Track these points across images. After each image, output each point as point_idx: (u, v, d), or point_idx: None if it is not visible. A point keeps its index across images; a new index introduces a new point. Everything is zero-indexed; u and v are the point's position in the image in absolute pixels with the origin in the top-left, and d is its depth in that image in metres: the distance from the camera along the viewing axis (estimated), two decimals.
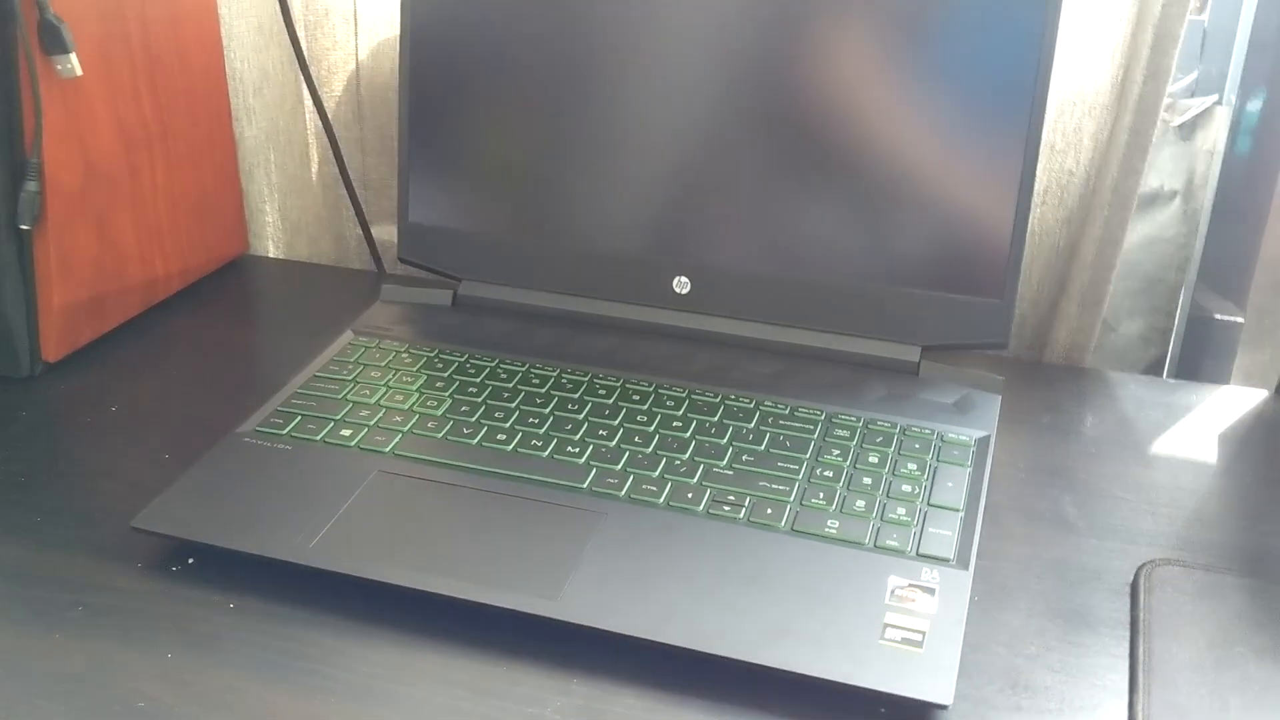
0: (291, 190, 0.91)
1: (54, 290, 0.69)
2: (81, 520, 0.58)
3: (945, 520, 0.56)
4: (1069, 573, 0.56)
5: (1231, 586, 0.54)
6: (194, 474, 0.58)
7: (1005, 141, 0.65)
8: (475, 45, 0.72)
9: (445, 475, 0.58)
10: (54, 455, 0.63)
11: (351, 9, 0.88)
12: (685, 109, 0.69)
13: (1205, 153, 0.80)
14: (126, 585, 0.53)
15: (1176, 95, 0.80)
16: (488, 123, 0.73)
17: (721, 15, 0.67)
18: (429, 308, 0.75)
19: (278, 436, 0.61)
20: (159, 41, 0.75)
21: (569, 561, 0.52)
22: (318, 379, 0.66)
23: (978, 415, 0.64)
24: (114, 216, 0.73)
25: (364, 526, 0.54)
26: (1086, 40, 0.75)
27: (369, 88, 0.91)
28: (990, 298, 0.67)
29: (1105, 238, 0.75)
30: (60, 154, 0.68)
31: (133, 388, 0.70)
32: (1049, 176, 0.79)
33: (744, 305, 0.71)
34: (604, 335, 0.71)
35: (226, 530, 0.54)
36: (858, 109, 0.66)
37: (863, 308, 0.69)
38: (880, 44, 0.65)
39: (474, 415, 0.63)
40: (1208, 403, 0.71)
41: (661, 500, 0.57)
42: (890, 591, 0.51)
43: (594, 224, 0.72)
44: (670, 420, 0.63)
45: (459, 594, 0.50)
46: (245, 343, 0.78)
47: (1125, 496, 0.61)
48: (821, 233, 0.69)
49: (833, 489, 0.58)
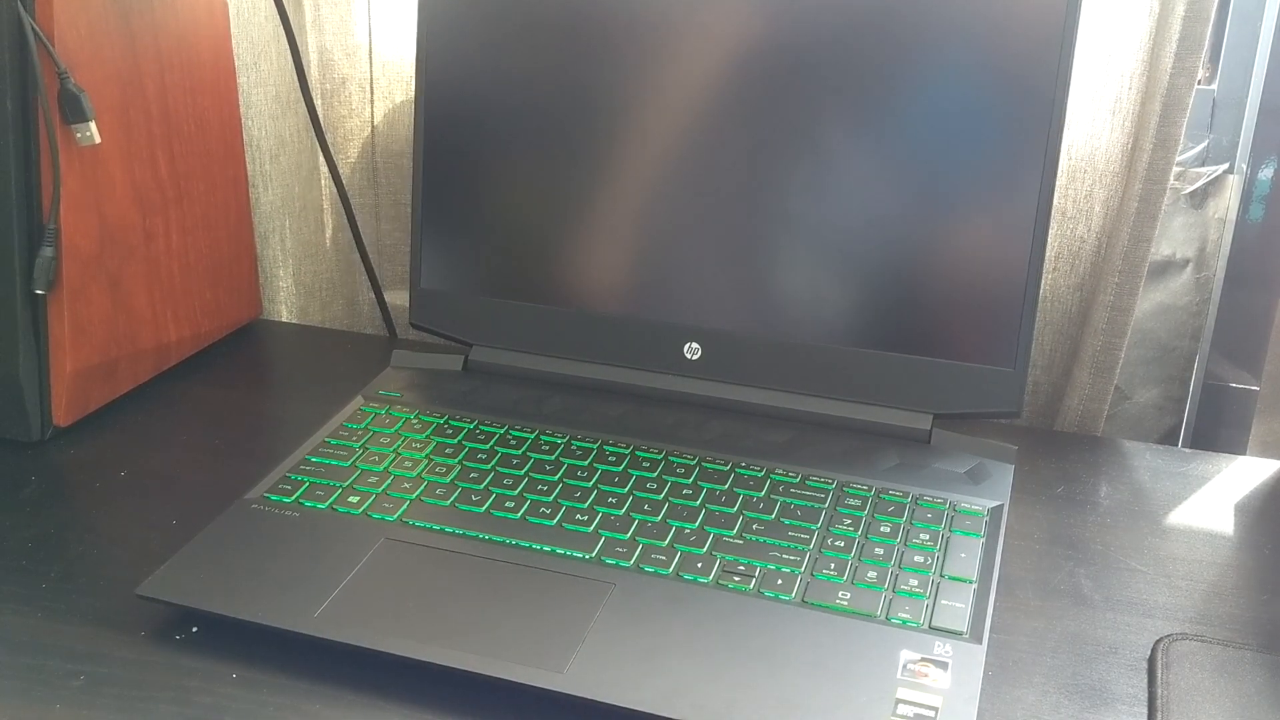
0: (306, 255, 0.92)
1: (66, 355, 0.69)
2: (87, 587, 0.57)
3: (958, 592, 0.55)
4: (1084, 647, 0.55)
5: (1250, 662, 0.53)
6: (200, 541, 0.57)
7: (1016, 209, 0.65)
8: (489, 114, 0.72)
9: (452, 544, 0.58)
10: (62, 521, 0.63)
11: (368, 77, 0.90)
12: (696, 177, 0.69)
13: (1217, 221, 0.80)
14: (129, 654, 0.53)
15: (1187, 164, 0.80)
16: (500, 190, 0.73)
17: (730, 85, 0.68)
18: (440, 373, 0.75)
19: (285, 504, 0.61)
20: (178, 109, 0.76)
21: (576, 633, 0.52)
22: (327, 445, 0.66)
23: (991, 485, 0.64)
24: (128, 281, 0.74)
25: (369, 596, 0.54)
26: (1097, 108, 0.76)
27: (384, 154, 0.92)
28: (1003, 366, 0.66)
29: (1117, 304, 0.75)
30: (77, 220, 0.69)
31: (143, 453, 0.70)
32: (1060, 243, 0.79)
33: (755, 372, 0.70)
34: (614, 402, 0.71)
35: (230, 599, 0.53)
36: (870, 178, 0.67)
37: (874, 375, 0.68)
38: (892, 112, 0.66)
39: (482, 483, 0.63)
40: (1224, 473, 0.70)
41: (670, 570, 0.56)
42: (902, 666, 0.50)
43: (605, 291, 0.72)
44: (680, 488, 0.63)
45: (464, 665, 0.50)
46: (256, 408, 0.78)
47: (1141, 569, 0.61)
48: (833, 300, 0.68)
49: (844, 560, 0.57)
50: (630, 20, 0.69)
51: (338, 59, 0.89)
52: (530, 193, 0.73)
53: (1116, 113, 0.75)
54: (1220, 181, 0.80)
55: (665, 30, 0.68)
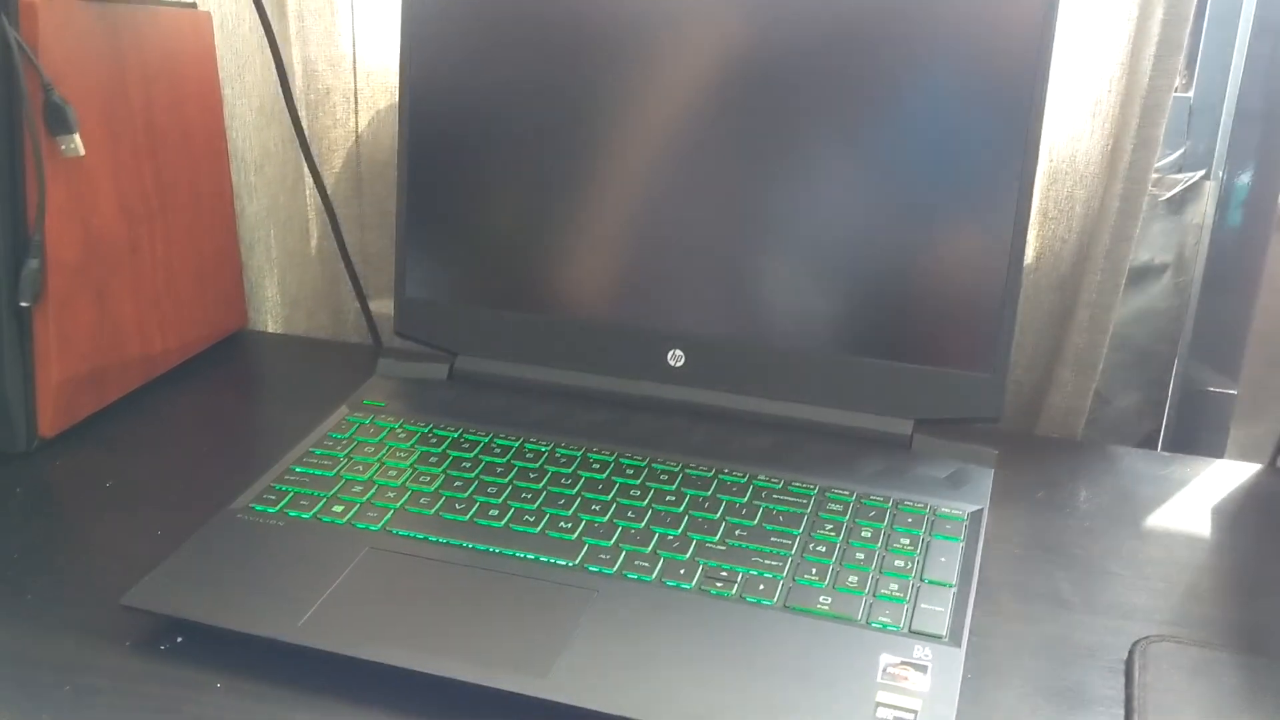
0: (291, 265, 0.92)
1: (52, 366, 0.70)
2: (73, 597, 0.57)
3: (938, 596, 0.55)
4: (1063, 650, 0.55)
5: (1226, 664, 0.54)
6: (185, 551, 0.58)
7: (995, 216, 0.65)
8: (473, 123, 0.73)
9: (436, 552, 0.58)
10: (48, 532, 0.63)
11: (352, 87, 0.90)
12: (679, 185, 0.70)
13: (1194, 226, 0.81)
14: (115, 664, 0.53)
15: (1164, 170, 0.81)
16: (484, 199, 0.74)
17: (711, 93, 0.69)
18: (425, 382, 0.75)
19: (270, 514, 0.61)
20: (162, 121, 0.77)
21: (560, 640, 0.52)
22: (312, 455, 0.66)
23: (971, 489, 0.64)
24: (114, 292, 0.74)
25: (354, 604, 0.54)
26: (1077, 111, 0.77)
27: (369, 164, 0.92)
28: (982, 371, 0.67)
29: (1099, 302, 0.76)
30: (62, 231, 0.69)
31: (128, 463, 0.70)
32: (1042, 244, 0.80)
33: (738, 379, 0.71)
34: (599, 409, 0.72)
35: (215, 608, 0.54)
36: (850, 184, 0.67)
37: (856, 381, 0.69)
38: (872, 117, 0.66)
39: (467, 491, 0.63)
40: (1202, 476, 0.71)
41: (654, 577, 0.56)
42: (882, 670, 0.51)
43: (589, 299, 0.73)
44: (664, 495, 0.63)
45: (448, 673, 0.50)
46: (242, 417, 0.78)
47: (1119, 572, 0.61)
48: (815, 306, 0.69)
49: (825, 565, 0.58)
50: (612, 29, 0.70)
51: (322, 70, 0.89)
52: (514, 201, 0.73)
53: (1096, 115, 0.76)
54: (1197, 187, 0.81)
55: (648, 39, 0.69)
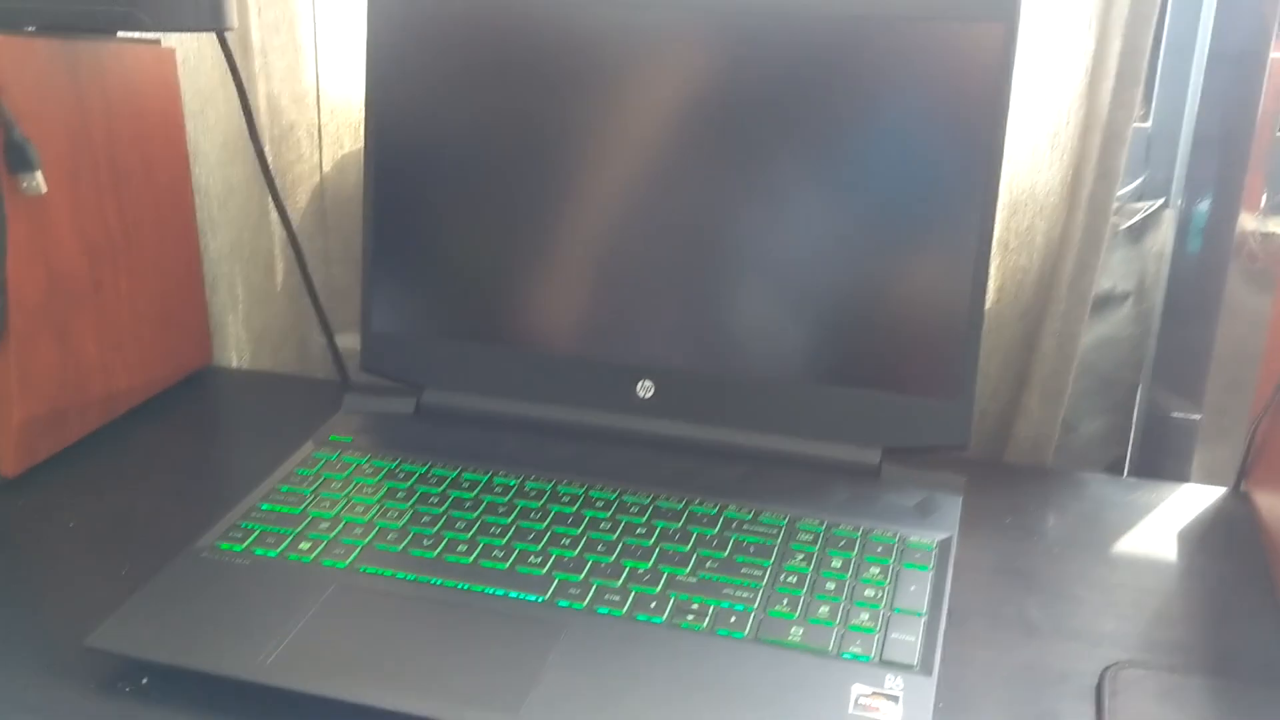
0: (256, 301, 0.92)
1: (14, 406, 0.69)
2: (36, 639, 0.56)
3: (908, 625, 0.55)
4: (1034, 676, 0.55)
5: (1195, 688, 0.54)
6: (149, 591, 0.57)
7: (957, 245, 0.66)
8: (438, 157, 0.73)
9: (404, 589, 0.58)
10: (10, 572, 0.62)
11: (316, 123, 0.90)
12: (645, 218, 0.70)
13: (1155, 254, 0.82)
14: (79, 706, 0.52)
15: (1124, 199, 0.82)
16: (450, 233, 0.74)
17: (677, 126, 0.69)
18: (392, 416, 0.75)
19: (236, 552, 0.60)
20: (125, 157, 0.76)
21: (530, 675, 0.52)
22: (278, 492, 0.66)
23: (939, 517, 0.64)
24: (77, 330, 0.74)
25: (321, 643, 0.54)
26: (1036, 143, 0.78)
27: (333, 199, 0.92)
28: (948, 399, 0.67)
29: (1064, 331, 0.77)
30: (24, 270, 0.68)
31: (92, 502, 0.69)
32: (1004, 274, 0.81)
33: (707, 409, 0.71)
34: (568, 442, 0.71)
35: (181, 649, 0.53)
36: (814, 216, 0.68)
37: (824, 411, 0.69)
38: (835, 151, 0.67)
39: (434, 527, 0.63)
40: (1168, 501, 0.71)
41: (624, 610, 0.56)
42: (854, 701, 0.50)
43: (557, 331, 0.73)
44: (634, 528, 0.63)
45: (418, 710, 0.50)
46: (207, 455, 0.77)
47: (1088, 597, 0.62)
48: (782, 336, 0.69)
49: (796, 596, 0.57)
50: (577, 62, 0.70)
51: (285, 105, 0.89)
52: (480, 235, 0.73)
53: (1055, 147, 0.77)
54: (1157, 216, 0.82)
55: (613, 72, 0.69)
